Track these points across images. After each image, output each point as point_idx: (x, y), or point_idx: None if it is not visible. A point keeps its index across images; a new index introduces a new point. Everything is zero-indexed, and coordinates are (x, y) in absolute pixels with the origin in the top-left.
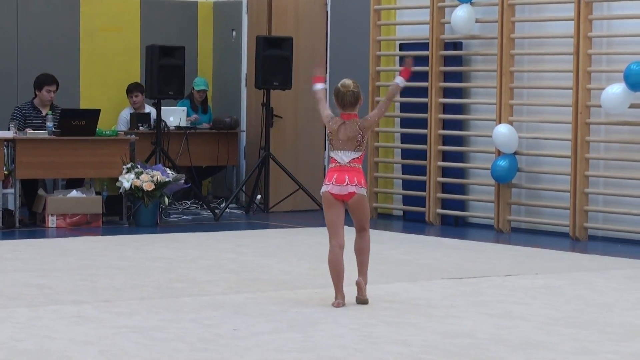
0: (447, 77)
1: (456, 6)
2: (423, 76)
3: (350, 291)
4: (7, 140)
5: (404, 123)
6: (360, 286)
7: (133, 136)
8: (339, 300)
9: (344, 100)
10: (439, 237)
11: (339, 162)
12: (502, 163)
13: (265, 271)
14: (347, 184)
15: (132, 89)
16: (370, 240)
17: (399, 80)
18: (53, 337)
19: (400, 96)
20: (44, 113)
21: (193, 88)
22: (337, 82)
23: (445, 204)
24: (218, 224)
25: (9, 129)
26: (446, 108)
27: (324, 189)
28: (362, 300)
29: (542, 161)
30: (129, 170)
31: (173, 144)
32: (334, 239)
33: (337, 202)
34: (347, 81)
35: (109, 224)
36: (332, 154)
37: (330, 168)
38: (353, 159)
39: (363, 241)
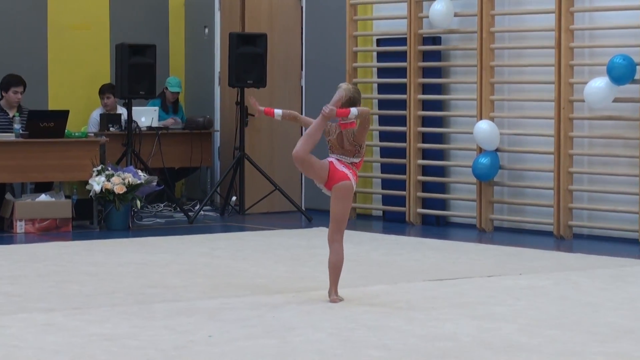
0: (426, 72)
1: (434, 0)
2: (401, 72)
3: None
4: None
5: (383, 120)
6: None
7: (103, 137)
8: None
9: None
10: (420, 237)
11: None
12: (484, 160)
13: (240, 275)
14: (344, 168)
15: (104, 90)
16: (344, 247)
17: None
18: (21, 347)
19: (379, 93)
20: (11, 115)
21: (166, 88)
22: (312, 80)
23: (425, 203)
24: (192, 226)
25: None
26: (425, 105)
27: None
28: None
29: (524, 158)
30: (99, 173)
31: (145, 145)
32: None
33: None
34: (343, 85)
35: (79, 229)
36: (334, 156)
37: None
38: (353, 163)
39: (337, 256)
